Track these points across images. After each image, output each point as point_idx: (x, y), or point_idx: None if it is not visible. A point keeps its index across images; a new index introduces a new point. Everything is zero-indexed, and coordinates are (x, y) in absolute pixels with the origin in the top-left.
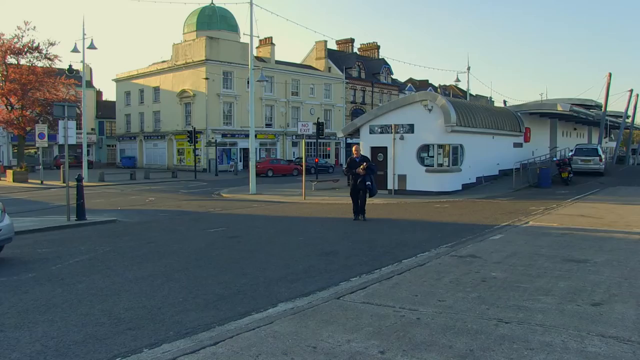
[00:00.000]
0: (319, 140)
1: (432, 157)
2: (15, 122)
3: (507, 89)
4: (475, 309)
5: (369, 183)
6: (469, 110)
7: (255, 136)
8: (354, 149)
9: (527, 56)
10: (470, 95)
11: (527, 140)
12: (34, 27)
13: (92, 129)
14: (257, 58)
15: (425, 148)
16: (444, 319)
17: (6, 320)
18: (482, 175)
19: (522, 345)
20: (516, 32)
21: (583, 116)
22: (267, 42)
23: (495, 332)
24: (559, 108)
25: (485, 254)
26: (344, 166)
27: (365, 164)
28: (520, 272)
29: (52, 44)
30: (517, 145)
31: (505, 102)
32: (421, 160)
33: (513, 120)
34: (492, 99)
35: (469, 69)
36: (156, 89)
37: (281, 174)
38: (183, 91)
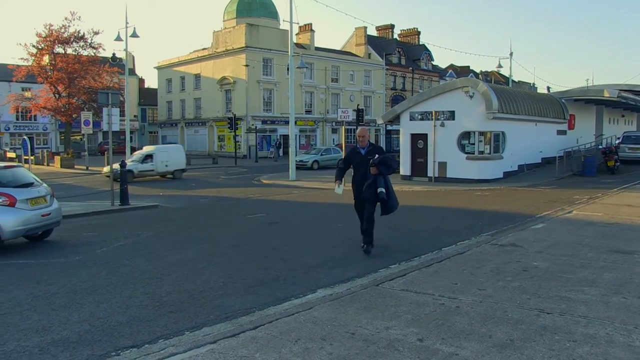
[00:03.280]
0: (359, 127)
1: (473, 144)
2: (62, 109)
3: (551, 75)
4: (515, 298)
5: (382, 190)
6: (511, 96)
7: (295, 123)
8: (358, 132)
9: (573, 41)
10: (513, 81)
11: (571, 127)
12: (79, 17)
13: (135, 116)
14: (297, 45)
15: (466, 135)
16: (483, 308)
17: (57, 300)
18: (524, 163)
19: (564, 337)
20: (561, 16)
21: (632, 102)
22: (307, 28)
23: (537, 322)
24: (606, 94)
25: (526, 243)
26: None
27: (377, 157)
28: (563, 262)
29: (96, 33)
30: (561, 132)
31: (548, 88)
32: (462, 148)
33: (557, 107)
34: (535, 86)
35: (511, 54)
36: (197, 76)
37: None
38: (223, 78)
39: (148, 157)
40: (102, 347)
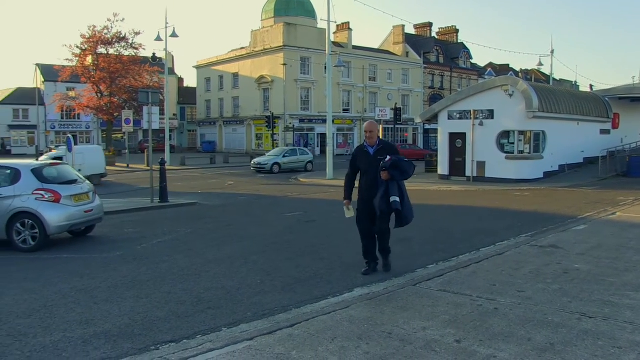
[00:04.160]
0: (397, 126)
1: (513, 143)
2: (104, 108)
3: (595, 73)
4: (556, 301)
5: (396, 199)
6: (552, 95)
7: (333, 121)
8: (365, 126)
9: (618, 37)
10: (554, 79)
11: (615, 126)
12: (123, 19)
13: (174, 115)
14: (335, 43)
15: (506, 134)
16: (522, 310)
17: (99, 294)
18: (565, 163)
19: (608, 343)
20: (605, 11)
21: None
22: (345, 27)
23: (578, 326)
24: None
25: (567, 245)
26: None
27: (389, 159)
28: (606, 265)
29: (137, 34)
30: (604, 132)
31: (591, 86)
32: (501, 147)
33: (600, 105)
34: (578, 84)
35: (552, 52)
36: (235, 75)
37: (415, 159)
38: (261, 77)
39: (57, 160)
40: (142, 341)
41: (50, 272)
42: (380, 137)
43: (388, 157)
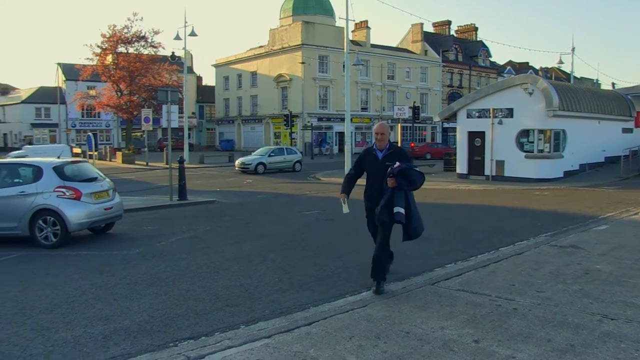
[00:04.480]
0: (415, 125)
1: (532, 142)
2: (124, 107)
3: (617, 71)
4: (576, 302)
5: (400, 211)
6: (573, 93)
7: (351, 120)
8: (375, 128)
9: None
10: (575, 78)
11: (638, 125)
12: (142, 18)
13: (193, 113)
14: (353, 42)
15: (525, 133)
16: (542, 310)
17: (119, 291)
18: (585, 162)
19: (631, 346)
20: (627, 8)
21: None
22: (363, 25)
23: (599, 328)
24: None
25: (588, 245)
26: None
27: (397, 165)
28: (628, 266)
29: (156, 33)
30: (627, 130)
31: (613, 84)
32: (520, 146)
33: (622, 103)
34: (599, 82)
35: (573, 49)
36: (253, 74)
37: (439, 157)
38: (279, 75)
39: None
40: (161, 337)
41: (71, 269)
42: (392, 141)
43: (397, 164)
